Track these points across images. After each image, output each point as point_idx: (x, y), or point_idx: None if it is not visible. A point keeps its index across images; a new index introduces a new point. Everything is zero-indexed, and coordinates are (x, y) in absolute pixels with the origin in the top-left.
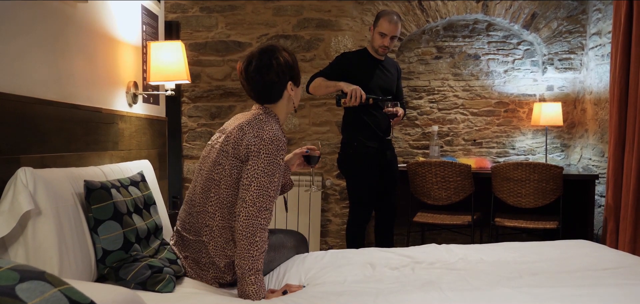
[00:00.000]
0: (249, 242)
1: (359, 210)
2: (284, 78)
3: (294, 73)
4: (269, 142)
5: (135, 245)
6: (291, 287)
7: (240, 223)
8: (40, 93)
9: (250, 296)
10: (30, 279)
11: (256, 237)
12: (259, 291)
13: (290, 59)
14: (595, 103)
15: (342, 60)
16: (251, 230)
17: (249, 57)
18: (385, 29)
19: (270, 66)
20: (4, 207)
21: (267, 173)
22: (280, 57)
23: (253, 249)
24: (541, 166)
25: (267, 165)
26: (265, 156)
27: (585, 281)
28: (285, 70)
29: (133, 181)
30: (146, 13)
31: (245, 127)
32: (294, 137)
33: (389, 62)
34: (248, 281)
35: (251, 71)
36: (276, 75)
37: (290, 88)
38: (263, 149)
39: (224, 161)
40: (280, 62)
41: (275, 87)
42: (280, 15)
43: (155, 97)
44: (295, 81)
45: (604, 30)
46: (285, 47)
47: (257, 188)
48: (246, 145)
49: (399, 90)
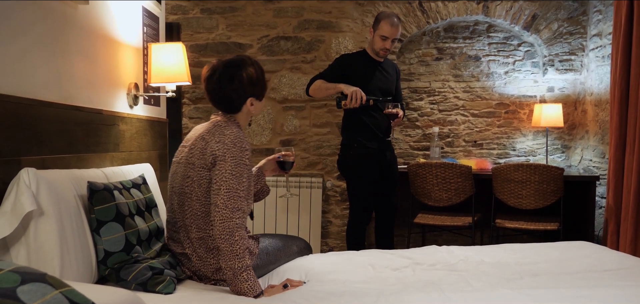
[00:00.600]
0: (229, 243)
1: (359, 211)
2: (244, 94)
3: (256, 90)
4: (232, 145)
5: (136, 246)
6: (292, 281)
7: (217, 228)
8: (41, 94)
9: (246, 293)
10: (32, 281)
11: (235, 236)
12: (253, 286)
13: (255, 75)
14: (596, 104)
15: (341, 62)
16: (228, 231)
17: (214, 66)
18: (387, 32)
19: (232, 80)
20: (6, 207)
21: (234, 175)
22: (244, 72)
23: (235, 248)
24: (542, 168)
25: (234, 167)
26: (231, 159)
27: (586, 283)
28: (246, 86)
29: (135, 183)
30: (147, 14)
31: (206, 135)
32: (295, 139)
33: (387, 64)
34: (240, 279)
35: (214, 81)
36: (236, 91)
37: (249, 104)
38: (228, 152)
39: (191, 174)
40: (243, 78)
41: (232, 101)
42: (281, 17)
43: (156, 98)
44: (257, 96)
45: (604, 31)
46: (254, 61)
47: (226, 190)
48: (211, 152)
49: (398, 92)
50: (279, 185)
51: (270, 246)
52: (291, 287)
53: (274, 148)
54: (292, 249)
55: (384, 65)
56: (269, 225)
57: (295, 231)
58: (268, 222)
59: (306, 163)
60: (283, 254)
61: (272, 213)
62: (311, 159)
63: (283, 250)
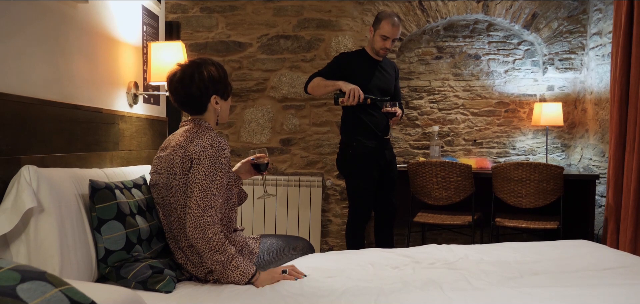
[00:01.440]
0: (204, 241)
1: (359, 210)
2: (207, 91)
3: (219, 87)
4: (209, 147)
5: (137, 245)
6: (294, 269)
7: (189, 229)
8: (40, 93)
9: (239, 281)
10: (31, 279)
11: (208, 233)
12: (245, 270)
13: (216, 74)
14: (596, 103)
15: (340, 60)
16: (201, 230)
17: (176, 69)
18: (388, 31)
19: (192, 79)
20: (7, 204)
21: (208, 175)
22: (205, 71)
23: (212, 244)
24: (542, 167)
25: (207, 167)
26: (206, 160)
27: (585, 282)
28: (207, 83)
29: (136, 184)
30: (147, 13)
31: (183, 143)
32: (294, 137)
33: (386, 63)
34: (231, 268)
35: (175, 81)
36: (197, 89)
37: (214, 102)
38: (203, 154)
39: (174, 183)
40: (203, 76)
41: (196, 99)
42: (281, 16)
43: (155, 97)
44: (221, 94)
45: (604, 30)
46: (215, 62)
47: (199, 191)
48: (189, 156)
49: (397, 91)
50: (283, 185)
51: (273, 246)
52: (290, 273)
53: (274, 146)
54: (294, 249)
55: (383, 64)
56: (269, 223)
57: (295, 229)
58: (268, 221)
59: (306, 162)
60: (285, 255)
61: (271, 212)
62: (311, 158)
63: (285, 251)
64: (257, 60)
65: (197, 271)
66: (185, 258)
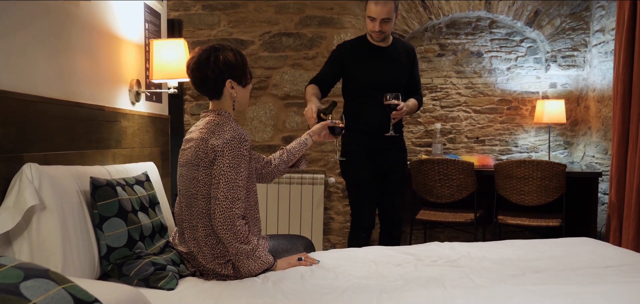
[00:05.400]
0: (232, 233)
1: (355, 216)
2: (222, 75)
3: (234, 73)
4: (231, 139)
5: (139, 242)
6: (307, 257)
7: (217, 220)
8: (43, 91)
9: (258, 271)
10: (35, 277)
11: (236, 225)
12: (265, 260)
13: (234, 59)
14: (599, 100)
15: (337, 54)
16: (229, 222)
17: (196, 50)
18: (372, 11)
19: (208, 61)
20: (9, 202)
21: (232, 167)
22: (221, 55)
23: (239, 236)
24: (544, 164)
25: (232, 159)
26: (229, 152)
27: (588, 279)
28: (222, 67)
29: (138, 180)
30: (149, 11)
31: (205, 134)
32: (296, 135)
33: (397, 48)
34: (252, 260)
35: (192, 63)
36: (212, 71)
37: (229, 86)
38: (226, 147)
39: (196, 174)
40: (219, 60)
41: (211, 82)
42: (283, 13)
43: (158, 95)
44: (237, 80)
45: (607, 27)
46: (234, 49)
47: (225, 183)
48: (211, 148)
49: (413, 79)
50: (285, 182)
51: (279, 247)
52: (305, 261)
53: (276, 144)
54: (299, 249)
55: (391, 50)
56: (271, 220)
57: (297, 227)
58: (270, 218)
59: (308, 160)
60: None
61: (274, 209)
62: (313, 155)
63: (290, 252)
64: (259, 58)
65: (206, 262)
66: (198, 248)
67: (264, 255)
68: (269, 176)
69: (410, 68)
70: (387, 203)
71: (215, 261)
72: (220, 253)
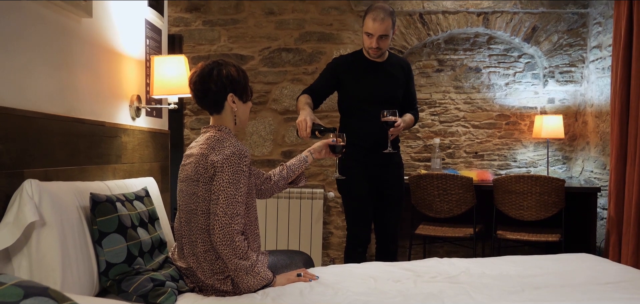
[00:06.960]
0: (230, 248)
1: (350, 233)
2: (224, 89)
3: (236, 87)
4: (231, 155)
5: (138, 258)
6: (307, 273)
7: (216, 235)
8: (44, 107)
9: (257, 287)
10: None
11: (235, 242)
12: (264, 276)
13: (236, 74)
14: (597, 115)
15: (333, 67)
16: (228, 237)
17: (199, 64)
18: (370, 27)
19: (211, 75)
20: (9, 218)
21: (232, 183)
22: (224, 69)
23: (238, 251)
24: (543, 179)
25: (231, 175)
26: (229, 168)
27: (587, 296)
28: (225, 81)
29: (138, 196)
30: (150, 27)
31: (205, 150)
32: (296, 150)
33: (392, 63)
34: (251, 276)
35: (195, 76)
36: (215, 84)
37: (231, 101)
38: (226, 162)
39: (196, 190)
40: (222, 74)
41: (213, 95)
42: (283, 29)
43: (158, 110)
44: (238, 95)
45: (604, 43)
46: (236, 65)
47: (225, 198)
48: (211, 163)
49: (409, 94)
50: (284, 197)
51: (278, 263)
52: (304, 277)
53: (275, 159)
54: (298, 265)
55: (387, 66)
56: (271, 235)
57: (296, 242)
58: (269, 233)
59: (307, 174)
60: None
61: (273, 223)
62: (312, 170)
63: (290, 268)
64: (258, 73)
65: (206, 277)
66: (198, 263)
67: (263, 271)
68: (269, 192)
69: (406, 83)
70: (383, 218)
71: (214, 276)
72: (219, 268)
